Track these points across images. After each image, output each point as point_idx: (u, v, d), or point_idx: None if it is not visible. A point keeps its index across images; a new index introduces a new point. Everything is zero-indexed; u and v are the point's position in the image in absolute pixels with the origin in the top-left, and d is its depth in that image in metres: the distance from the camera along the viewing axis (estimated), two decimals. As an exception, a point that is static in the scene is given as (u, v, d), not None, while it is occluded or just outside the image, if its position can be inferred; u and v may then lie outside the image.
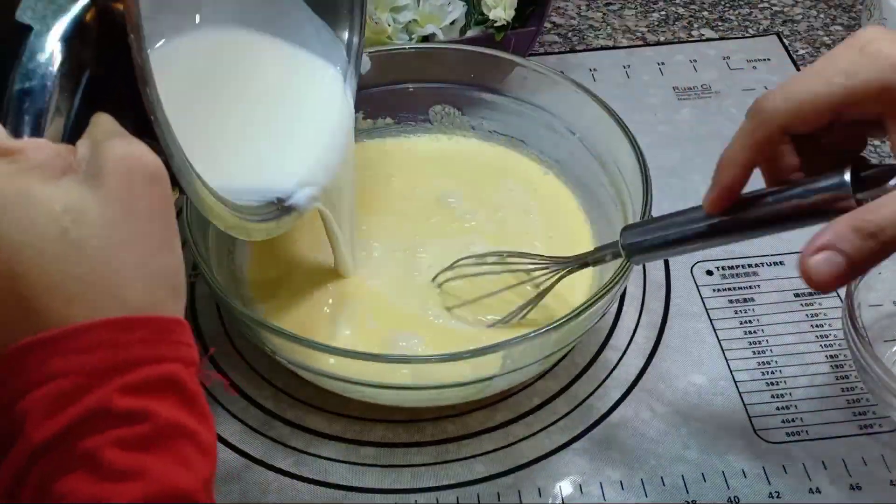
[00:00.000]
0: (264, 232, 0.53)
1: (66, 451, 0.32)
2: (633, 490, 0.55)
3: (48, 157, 0.36)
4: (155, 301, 0.36)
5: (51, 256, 0.34)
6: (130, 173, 0.36)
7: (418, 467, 0.57)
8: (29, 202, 0.34)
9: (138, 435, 0.33)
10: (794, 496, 0.55)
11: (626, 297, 0.66)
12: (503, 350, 0.53)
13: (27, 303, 0.34)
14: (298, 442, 0.58)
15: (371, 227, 0.66)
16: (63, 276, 0.34)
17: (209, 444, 0.35)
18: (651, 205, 0.58)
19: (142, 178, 0.37)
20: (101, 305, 0.35)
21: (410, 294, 0.62)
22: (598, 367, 0.62)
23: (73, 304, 0.34)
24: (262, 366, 0.62)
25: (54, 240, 0.34)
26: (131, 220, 0.36)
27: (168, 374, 0.35)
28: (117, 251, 0.35)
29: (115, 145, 0.37)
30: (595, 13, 0.92)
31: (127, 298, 0.35)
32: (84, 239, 0.35)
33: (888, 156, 0.74)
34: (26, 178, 0.35)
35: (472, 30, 0.77)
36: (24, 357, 0.33)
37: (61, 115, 0.39)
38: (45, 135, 0.38)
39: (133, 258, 0.36)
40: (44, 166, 0.35)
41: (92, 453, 0.32)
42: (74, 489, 0.32)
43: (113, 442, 0.32)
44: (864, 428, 0.58)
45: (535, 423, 0.59)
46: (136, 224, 0.36)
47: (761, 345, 0.63)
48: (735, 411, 0.59)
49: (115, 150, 0.37)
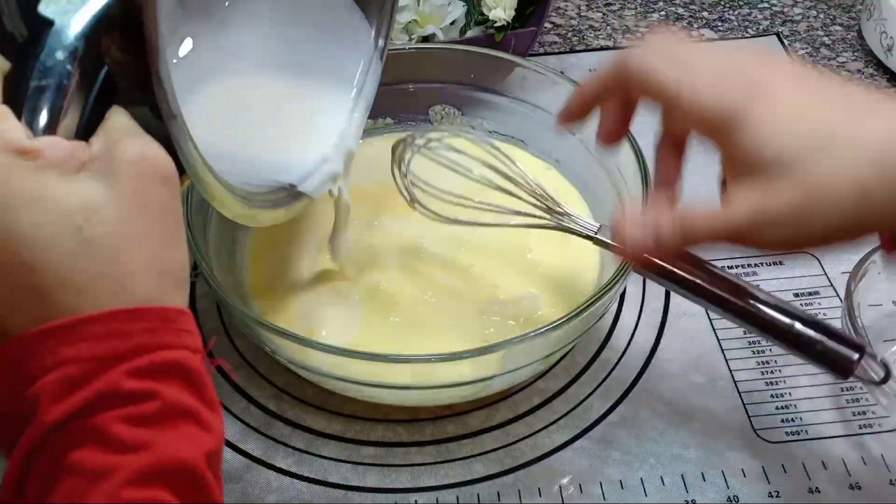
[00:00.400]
0: (272, 219, 0.54)
1: (77, 427, 0.34)
2: (633, 490, 0.55)
3: (64, 155, 0.37)
4: (161, 294, 0.38)
5: (64, 252, 0.36)
6: (143, 174, 0.38)
7: (418, 467, 0.57)
8: (45, 201, 0.36)
9: (144, 412, 0.35)
10: (793, 496, 0.55)
11: (626, 297, 0.66)
12: (503, 350, 0.53)
13: (39, 293, 0.35)
14: (299, 442, 0.58)
15: (371, 225, 0.66)
16: (75, 270, 0.36)
17: (212, 421, 0.37)
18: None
19: (154, 178, 0.38)
20: (110, 298, 0.36)
21: (412, 289, 0.62)
22: (598, 367, 0.62)
23: (83, 296, 0.36)
24: (262, 366, 0.62)
25: (68, 237, 0.36)
26: (142, 218, 0.37)
27: (174, 360, 0.36)
28: (128, 247, 0.37)
29: (130, 145, 0.38)
30: (595, 13, 0.92)
31: (135, 291, 0.37)
32: (96, 236, 0.36)
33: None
34: (43, 177, 0.36)
35: (472, 30, 0.77)
36: (37, 344, 0.35)
37: (76, 110, 0.39)
38: (60, 129, 0.38)
39: (142, 254, 0.37)
40: (60, 164, 0.36)
41: (101, 429, 0.34)
42: (83, 459, 0.34)
43: (120, 418, 0.34)
44: (864, 428, 0.58)
45: (535, 422, 0.59)
46: (147, 222, 0.38)
47: (761, 344, 0.63)
48: (735, 411, 0.59)
49: (129, 150, 0.38)
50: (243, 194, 0.50)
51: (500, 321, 0.60)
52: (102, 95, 0.40)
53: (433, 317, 0.61)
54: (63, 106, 0.38)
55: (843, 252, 0.67)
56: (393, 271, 0.63)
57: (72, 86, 0.38)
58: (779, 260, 0.68)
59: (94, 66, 0.39)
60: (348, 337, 0.59)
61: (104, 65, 0.40)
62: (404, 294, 0.62)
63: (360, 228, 0.65)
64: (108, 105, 0.40)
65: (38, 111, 0.38)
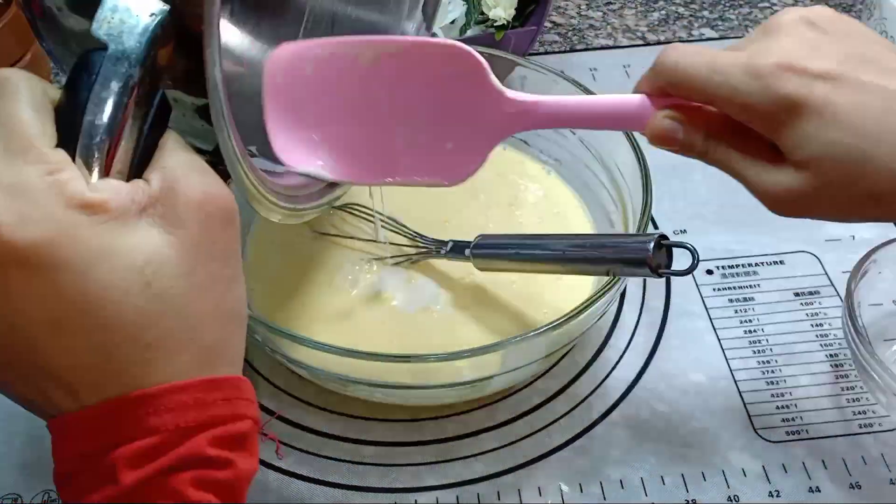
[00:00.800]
0: (316, 211, 0.53)
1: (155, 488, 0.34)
2: (633, 490, 0.55)
3: (125, 202, 0.35)
4: (227, 336, 0.38)
5: (133, 309, 0.35)
6: (209, 217, 0.37)
7: (418, 466, 0.57)
8: (112, 258, 0.34)
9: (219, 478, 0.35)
10: (793, 495, 0.55)
11: (626, 296, 0.66)
12: (503, 349, 0.53)
13: (107, 350, 0.35)
14: (299, 441, 0.58)
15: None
16: (144, 327, 0.35)
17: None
18: (651, 204, 0.58)
19: (219, 220, 0.37)
20: (179, 348, 0.36)
21: (412, 291, 0.62)
22: (598, 366, 0.62)
23: (152, 350, 0.35)
24: (263, 366, 0.62)
25: (138, 293, 0.35)
26: (209, 265, 0.37)
27: (245, 430, 0.37)
28: (195, 297, 0.36)
29: (192, 185, 0.37)
30: (595, 12, 0.92)
31: (202, 338, 0.37)
32: (165, 289, 0.35)
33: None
34: (108, 233, 0.34)
35: (472, 29, 0.77)
36: (120, 412, 0.35)
37: (130, 142, 0.37)
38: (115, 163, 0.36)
39: (209, 301, 0.37)
40: (123, 214, 0.35)
41: (178, 489, 0.34)
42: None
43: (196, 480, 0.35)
44: (864, 427, 0.58)
45: (535, 422, 0.59)
46: (213, 267, 0.37)
47: (761, 344, 0.63)
48: (735, 410, 0.59)
49: (192, 191, 0.37)
50: (287, 193, 0.49)
51: (498, 317, 0.60)
52: (156, 121, 0.38)
53: (434, 315, 0.61)
54: (118, 140, 0.36)
55: (843, 251, 0.67)
56: (392, 269, 0.63)
57: (128, 118, 0.36)
58: (779, 259, 0.68)
59: (149, 94, 0.37)
60: (349, 335, 0.59)
61: (160, 90, 0.38)
62: (405, 291, 0.62)
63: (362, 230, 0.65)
64: (161, 130, 0.38)
65: (92, 150, 0.35)
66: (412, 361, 0.53)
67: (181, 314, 0.36)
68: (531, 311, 0.60)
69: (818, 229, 0.69)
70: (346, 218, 0.66)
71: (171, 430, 0.35)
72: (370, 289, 0.62)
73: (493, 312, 0.61)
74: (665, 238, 0.51)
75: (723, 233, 0.69)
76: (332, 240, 0.65)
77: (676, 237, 0.69)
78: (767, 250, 0.68)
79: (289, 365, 0.57)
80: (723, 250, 0.68)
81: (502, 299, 0.61)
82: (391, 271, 0.63)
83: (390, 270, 0.63)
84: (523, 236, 0.60)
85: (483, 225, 0.66)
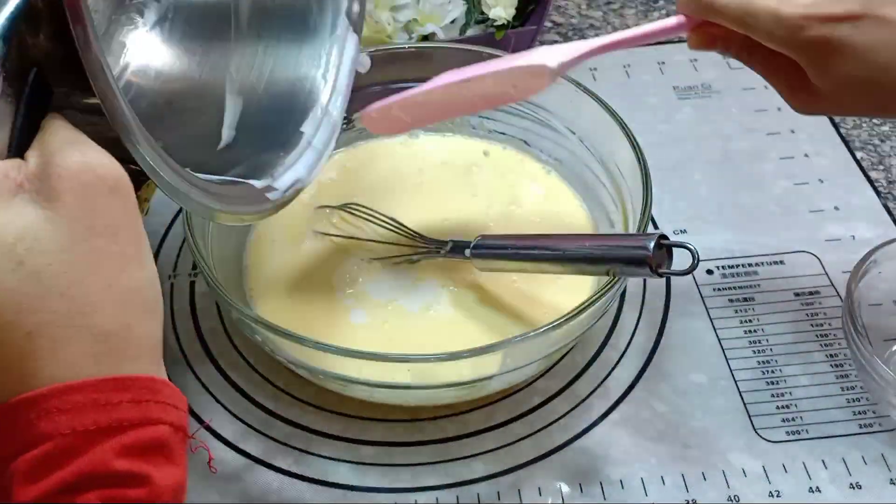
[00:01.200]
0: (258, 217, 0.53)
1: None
2: (633, 490, 0.55)
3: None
4: (126, 322, 0.34)
5: (7, 291, 0.32)
6: (87, 187, 0.34)
7: (418, 466, 0.57)
8: None
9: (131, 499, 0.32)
10: (794, 495, 0.55)
11: (626, 296, 0.66)
12: (503, 349, 0.53)
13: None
14: (298, 441, 0.58)
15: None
16: (21, 311, 0.32)
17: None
18: (651, 204, 0.58)
19: (100, 189, 0.34)
20: (67, 336, 0.33)
21: (412, 291, 0.62)
22: (598, 366, 0.62)
23: (34, 339, 0.32)
24: (263, 365, 0.62)
25: (10, 272, 0.32)
26: (92, 239, 0.34)
27: (160, 438, 0.33)
28: (79, 276, 0.33)
29: (68, 156, 0.34)
30: (595, 12, 0.92)
31: (95, 323, 0.33)
32: (41, 267, 0.32)
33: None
34: None
35: (472, 29, 0.77)
36: (13, 416, 0.32)
37: (5, 123, 0.34)
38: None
39: (98, 280, 0.34)
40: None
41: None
42: None
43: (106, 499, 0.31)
44: (864, 427, 0.58)
45: (535, 422, 0.59)
46: (98, 242, 0.34)
47: (761, 344, 0.63)
48: (735, 410, 0.59)
49: (68, 161, 0.34)
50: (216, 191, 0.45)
51: (498, 317, 0.60)
52: (35, 102, 0.35)
53: (434, 315, 0.61)
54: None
55: (843, 251, 0.67)
56: (392, 269, 0.63)
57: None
58: (779, 259, 0.68)
59: (21, 69, 0.35)
60: (349, 335, 0.59)
61: (33, 65, 0.35)
62: (404, 291, 0.62)
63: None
64: (43, 113, 0.36)
65: None
66: (412, 361, 0.53)
67: (65, 295, 0.32)
68: (531, 311, 0.60)
69: (818, 229, 0.69)
70: (347, 218, 0.66)
71: (65, 433, 0.31)
72: (370, 289, 0.62)
73: (493, 312, 0.61)
74: (665, 238, 0.51)
75: (723, 233, 0.69)
76: (332, 240, 0.65)
77: (676, 237, 0.69)
78: (767, 250, 0.68)
79: (289, 365, 0.57)
80: (723, 250, 0.68)
81: (502, 299, 0.61)
82: (391, 271, 0.63)
83: (390, 270, 0.63)
84: (523, 236, 0.60)
85: (483, 225, 0.66)
